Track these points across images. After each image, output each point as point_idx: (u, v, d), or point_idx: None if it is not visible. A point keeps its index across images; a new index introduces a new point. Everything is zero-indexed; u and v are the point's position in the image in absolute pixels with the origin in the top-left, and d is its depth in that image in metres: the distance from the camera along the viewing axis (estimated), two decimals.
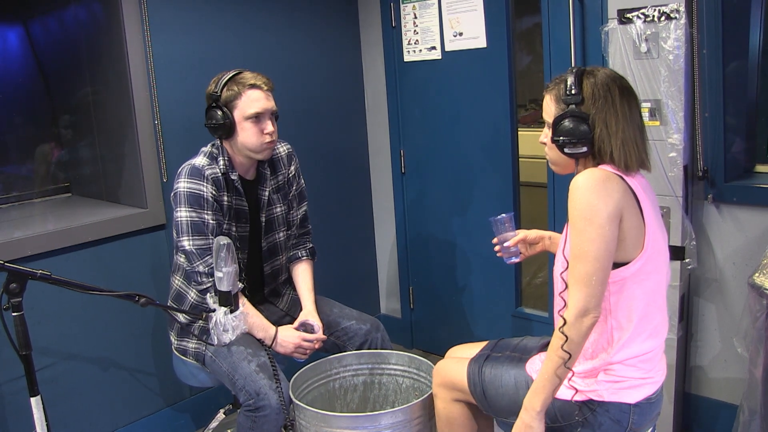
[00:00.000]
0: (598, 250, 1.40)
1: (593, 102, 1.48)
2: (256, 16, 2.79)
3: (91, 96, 2.68)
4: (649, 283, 1.50)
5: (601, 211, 1.40)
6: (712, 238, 2.28)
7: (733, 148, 2.23)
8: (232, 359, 1.98)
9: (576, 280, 1.42)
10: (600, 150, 1.49)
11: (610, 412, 1.52)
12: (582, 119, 1.48)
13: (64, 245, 2.29)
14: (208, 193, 1.97)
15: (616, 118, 1.48)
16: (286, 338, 2.05)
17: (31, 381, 1.52)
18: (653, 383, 1.55)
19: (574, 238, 1.43)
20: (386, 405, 2.24)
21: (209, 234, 1.96)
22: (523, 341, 1.85)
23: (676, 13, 2.03)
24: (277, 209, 2.20)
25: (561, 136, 1.50)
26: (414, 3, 2.98)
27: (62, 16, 2.72)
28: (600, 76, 1.51)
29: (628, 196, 1.45)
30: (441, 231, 3.16)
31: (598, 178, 1.42)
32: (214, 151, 2.05)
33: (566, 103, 1.50)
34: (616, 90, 1.49)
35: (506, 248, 1.87)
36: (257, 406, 1.89)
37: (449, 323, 3.23)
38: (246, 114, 1.97)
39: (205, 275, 1.96)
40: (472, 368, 1.72)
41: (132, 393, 2.54)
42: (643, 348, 1.52)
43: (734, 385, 2.31)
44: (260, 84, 1.97)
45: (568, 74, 1.52)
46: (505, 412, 1.67)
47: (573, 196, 1.43)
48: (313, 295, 2.23)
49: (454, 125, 2.99)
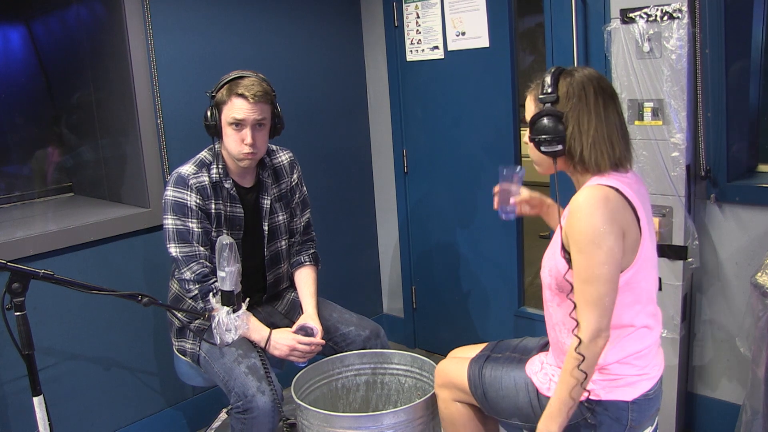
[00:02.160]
0: (609, 272, 1.40)
1: (567, 100, 1.48)
2: (258, 15, 2.79)
3: (93, 96, 2.68)
4: (641, 287, 1.50)
5: (608, 234, 1.40)
6: (715, 238, 2.28)
7: (735, 148, 2.23)
8: (223, 361, 1.97)
9: (587, 302, 1.42)
10: (570, 148, 1.49)
11: (608, 410, 1.52)
12: (557, 118, 1.48)
13: (66, 245, 2.29)
14: (192, 202, 1.98)
15: (588, 116, 1.47)
16: (280, 340, 2.03)
17: (34, 381, 1.53)
18: (650, 379, 1.55)
19: (582, 261, 1.42)
20: (389, 405, 2.24)
21: (194, 241, 1.98)
22: (523, 342, 1.86)
23: (678, 12, 2.03)
24: (280, 217, 2.20)
25: (537, 135, 1.50)
26: (417, 2, 2.98)
27: (64, 16, 2.72)
28: (577, 75, 1.51)
29: (627, 211, 1.45)
30: (443, 231, 3.16)
31: (599, 199, 1.42)
32: (207, 158, 2.05)
33: (542, 102, 1.50)
34: (591, 89, 1.49)
35: (505, 200, 1.82)
36: (245, 408, 1.87)
37: (451, 323, 3.23)
38: (228, 119, 1.97)
39: (192, 282, 1.98)
40: (472, 369, 1.73)
41: (134, 393, 2.54)
42: (637, 346, 1.53)
43: (737, 384, 2.31)
44: (248, 95, 1.93)
45: (546, 74, 1.52)
46: (505, 413, 1.67)
47: (576, 219, 1.43)
48: (315, 299, 2.21)
49: (457, 125, 2.99)
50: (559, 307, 1.58)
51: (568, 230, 1.45)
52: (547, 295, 1.62)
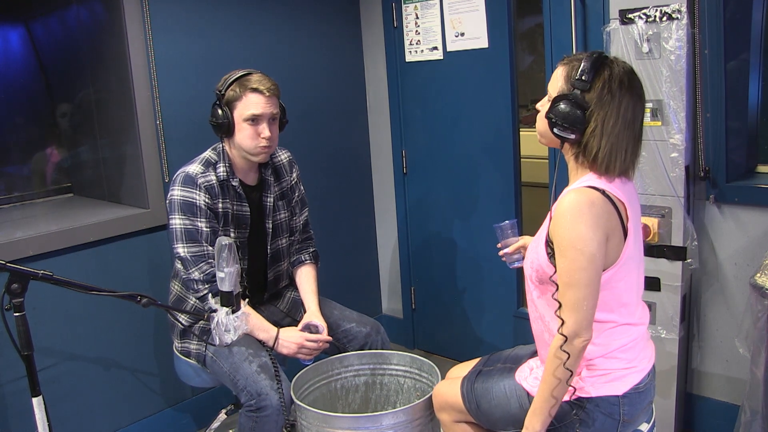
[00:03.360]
0: (588, 277, 1.41)
1: (600, 96, 1.44)
2: (258, 16, 2.79)
3: (93, 96, 2.68)
4: (620, 287, 1.50)
5: (591, 240, 1.40)
6: (714, 239, 2.28)
7: (734, 149, 2.23)
8: (233, 360, 1.98)
9: (567, 306, 1.43)
10: (587, 145, 1.46)
11: (600, 406, 1.52)
12: (581, 107, 1.45)
13: (65, 245, 2.29)
14: (201, 201, 1.98)
15: (615, 120, 1.45)
16: (289, 339, 2.05)
17: (33, 381, 1.53)
18: (639, 371, 1.55)
19: (564, 264, 1.43)
20: (388, 405, 2.24)
21: (203, 241, 1.98)
22: (515, 351, 1.85)
23: (677, 13, 2.03)
24: (282, 215, 2.21)
25: (556, 116, 1.47)
26: (416, 3, 2.99)
27: (64, 17, 2.72)
28: (616, 71, 1.46)
29: (613, 217, 1.44)
30: (443, 231, 3.16)
31: (584, 204, 1.41)
32: (213, 157, 2.05)
33: (573, 86, 1.47)
34: (626, 91, 1.45)
35: (509, 254, 1.92)
36: (259, 407, 1.89)
37: (451, 323, 3.23)
38: (244, 116, 1.97)
39: (201, 282, 1.97)
40: (465, 386, 1.73)
41: (133, 393, 2.54)
42: (623, 340, 1.53)
43: (736, 385, 2.31)
44: (263, 89, 1.97)
45: (586, 57, 1.47)
46: (501, 423, 1.67)
47: (561, 222, 1.43)
48: (316, 297, 2.22)
49: (456, 126, 2.99)
50: (540, 299, 1.58)
51: (552, 231, 1.46)
52: (530, 288, 1.62)
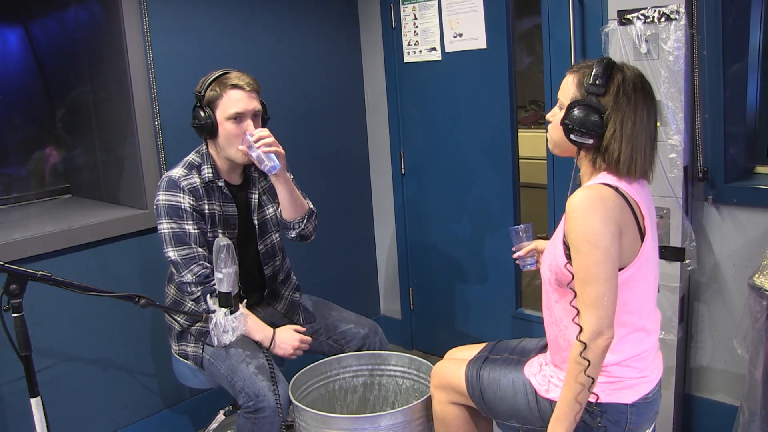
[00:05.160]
0: (606, 271, 1.40)
1: (615, 99, 1.46)
2: (256, 17, 2.79)
3: (91, 97, 2.67)
4: (640, 287, 1.51)
5: (604, 233, 1.40)
6: (712, 239, 2.28)
7: (732, 150, 2.23)
8: (230, 362, 1.98)
9: (587, 303, 1.42)
10: (608, 149, 1.47)
11: (608, 413, 1.52)
12: (598, 112, 1.46)
13: (63, 246, 2.29)
14: (186, 204, 1.97)
15: (633, 122, 1.46)
16: (285, 340, 2.04)
17: (31, 382, 1.53)
18: (649, 382, 1.55)
19: (580, 261, 1.42)
20: (386, 406, 2.24)
21: (192, 243, 1.97)
22: (522, 343, 1.85)
23: (676, 14, 2.03)
24: (269, 210, 2.19)
25: (573, 122, 1.48)
26: (414, 4, 2.99)
27: (62, 18, 2.72)
28: (628, 74, 1.49)
29: (625, 212, 1.45)
30: (441, 232, 3.16)
31: (595, 199, 1.42)
32: (196, 160, 2.05)
33: (587, 92, 1.48)
34: (641, 94, 1.48)
35: (522, 257, 1.94)
36: (257, 408, 1.89)
37: (449, 324, 3.23)
38: (227, 114, 1.96)
39: (193, 284, 1.96)
40: (470, 371, 1.72)
41: (131, 394, 2.54)
42: (637, 349, 1.53)
43: (734, 386, 2.31)
44: (242, 84, 1.96)
45: (596, 63, 1.49)
46: (503, 414, 1.67)
47: (573, 219, 1.43)
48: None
49: (455, 126, 2.99)
50: (557, 303, 1.58)
51: (567, 229, 1.46)
52: (547, 291, 1.62)
